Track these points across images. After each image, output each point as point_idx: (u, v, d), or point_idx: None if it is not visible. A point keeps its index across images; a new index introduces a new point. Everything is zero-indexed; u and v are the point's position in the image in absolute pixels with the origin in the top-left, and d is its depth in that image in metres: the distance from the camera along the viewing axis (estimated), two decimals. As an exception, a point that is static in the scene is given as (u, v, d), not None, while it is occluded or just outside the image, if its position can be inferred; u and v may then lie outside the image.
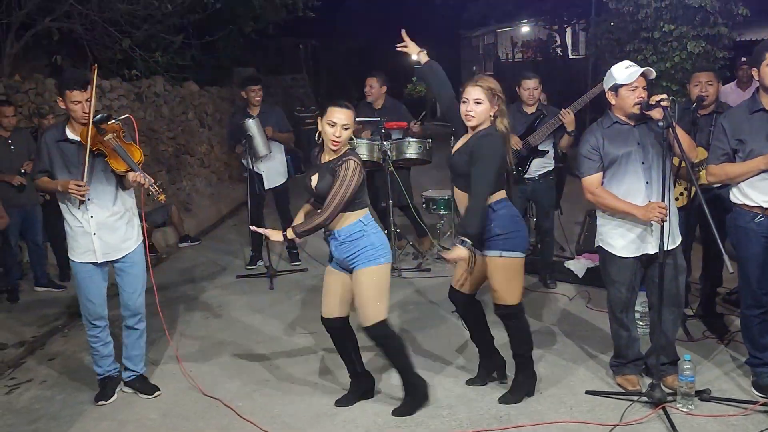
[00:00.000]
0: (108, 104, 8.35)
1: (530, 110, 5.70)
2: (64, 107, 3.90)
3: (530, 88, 5.63)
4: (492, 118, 3.69)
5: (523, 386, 3.95)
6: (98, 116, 3.90)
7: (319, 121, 3.66)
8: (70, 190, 3.81)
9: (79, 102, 3.81)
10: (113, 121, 3.99)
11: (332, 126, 3.55)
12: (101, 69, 8.33)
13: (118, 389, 4.25)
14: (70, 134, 3.93)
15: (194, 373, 4.50)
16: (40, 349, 5.11)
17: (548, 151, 5.71)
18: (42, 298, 6.11)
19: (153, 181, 3.91)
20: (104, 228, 3.98)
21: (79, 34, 8.55)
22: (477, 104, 3.67)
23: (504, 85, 3.82)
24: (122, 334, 4.26)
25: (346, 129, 3.58)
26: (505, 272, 3.76)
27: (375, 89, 6.71)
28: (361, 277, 3.66)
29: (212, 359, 4.74)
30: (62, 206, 4.02)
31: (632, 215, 3.72)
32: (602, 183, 3.83)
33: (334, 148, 3.59)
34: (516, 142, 5.52)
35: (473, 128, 3.73)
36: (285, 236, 3.59)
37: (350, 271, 3.73)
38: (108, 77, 8.83)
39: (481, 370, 4.18)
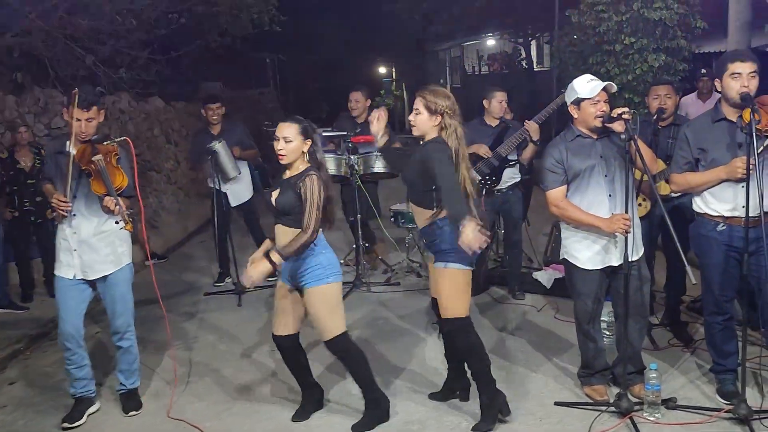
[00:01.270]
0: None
1: (494, 123, 5.77)
2: (67, 119, 3.91)
3: (503, 100, 5.73)
4: (438, 128, 3.70)
5: (491, 408, 3.78)
6: (95, 137, 3.93)
7: None
8: (52, 204, 3.84)
9: (80, 120, 3.83)
10: (109, 142, 3.99)
11: (276, 140, 3.62)
12: (64, 86, 8.23)
13: (89, 412, 4.15)
14: (69, 148, 3.90)
15: (161, 394, 4.43)
16: (1, 373, 4.98)
17: (516, 162, 5.78)
18: (2, 320, 5.97)
19: (125, 209, 3.87)
20: (85, 246, 3.96)
21: (41, 51, 8.42)
22: (416, 114, 3.71)
23: (471, 97, 3.84)
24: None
25: (288, 142, 3.61)
26: (450, 283, 3.72)
27: (361, 103, 6.74)
28: (311, 297, 3.69)
29: (179, 380, 4.67)
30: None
31: (597, 227, 3.77)
32: (566, 196, 3.88)
33: (281, 161, 3.65)
34: (485, 152, 5.58)
35: (420, 139, 3.77)
36: (273, 263, 3.54)
37: (300, 289, 3.75)
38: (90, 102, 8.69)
39: (446, 389, 4.16)
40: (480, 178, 5.64)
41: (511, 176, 5.80)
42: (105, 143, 3.96)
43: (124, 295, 4.14)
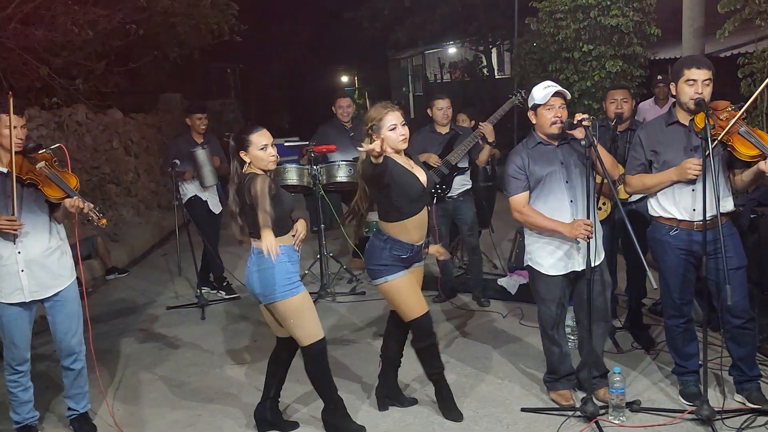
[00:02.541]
0: (27, 134, 8.03)
1: (444, 130, 5.80)
2: None
3: (443, 108, 5.75)
4: None
5: (449, 397, 3.99)
6: (30, 145, 3.75)
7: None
8: (0, 227, 3.60)
9: (15, 127, 3.63)
10: (44, 150, 3.83)
11: (264, 148, 3.65)
12: (18, 98, 8.04)
13: None
14: None
15: (123, 412, 4.33)
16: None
17: (467, 168, 5.82)
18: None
19: (93, 205, 3.75)
20: (34, 264, 3.76)
21: (-6, 63, 8.23)
22: (403, 126, 3.75)
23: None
24: (61, 373, 4.05)
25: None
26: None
27: (351, 108, 6.81)
28: (275, 312, 3.72)
29: (143, 395, 4.58)
30: None
31: (559, 233, 3.80)
32: (529, 202, 3.91)
33: (273, 166, 3.75)
34: (435, 161, 5.62)
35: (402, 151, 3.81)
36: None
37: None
38: (26, 106, 8.50)
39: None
40: None
41: (462, 183, 5.84)
42: (40, 152, 3.80)
43: (77, 311, 3.96)
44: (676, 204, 3.80)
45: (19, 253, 3.74)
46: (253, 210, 3.48)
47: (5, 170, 3.72)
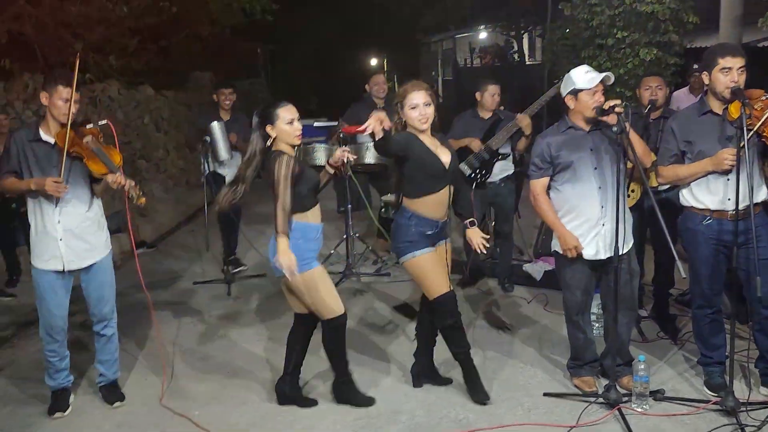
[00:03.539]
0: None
1: (486, 115, 5.76)
2: (46, 103, 3.77)
3: (495, 94, 5.71)
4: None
5: (475, 377, 4.02)
6: (79, 119, 3.83)
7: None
8: (47, 188, 3.67)
9: (67, 100, 3.72)
10: (92, 125, 3.91)
11: (291, 122, 3.72)
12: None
13: (72, 399, 4.13)
14: (44, 135, 3.82)
15: (148, 383, 4.41)
16: (-12, 361, 4.95)
17: (509, 154, 5.78)
18: (-10, 308, 5.93)
19: (133, 183, 3.84)
20: (71, 234, 3.86)
21: (30, 37, 8.33)
22: (427, 106, 3.74)
23: (463, 89, 3.88)
24: (93, 338, 4.18)
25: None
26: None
27: (386, 85, 6.86)
28: (292, 287, 3.79)
29: (167, 368, 4.65)
30: (30, 208, 3.87)
31: (558, 234, 3.87)
32: (555, 188, 3.91)
33: (299, 142, 3.79)
34: (477, 146, 5.59)
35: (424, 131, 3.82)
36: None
37: None
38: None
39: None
40: (470, 172, 5.64)
41: (503, 169, 5.80)
42: (88, 126, 3.89)
43: (110, 280, 4.09)
44: (710, 194, 3.75)
45: (59, 222, 3.83)
46: (274, 190, 3.57)
47: (53, 141, 3.79)
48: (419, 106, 3.73)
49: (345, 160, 3.91)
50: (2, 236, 6.37)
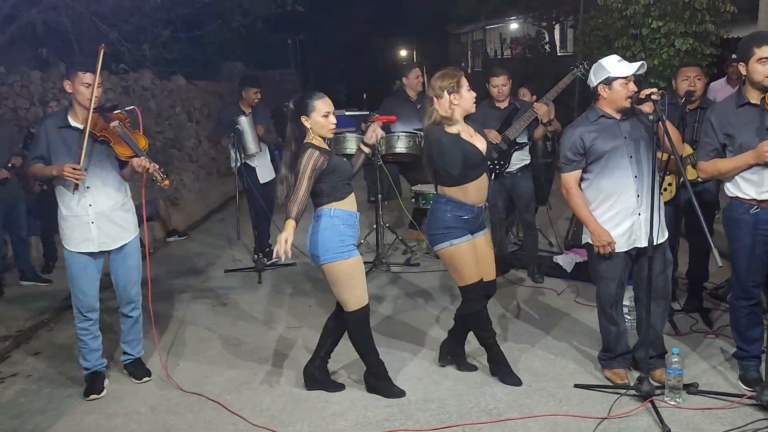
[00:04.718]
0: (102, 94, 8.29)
1: (503, 105, 5.73)
2: (70, 91, 3.87)
3: (498, 85, 5.66)
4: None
5: (504, 362, 4.08)
6: (106, 104, 3.92)
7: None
8: (65, 174, 3.75)
9: (90, 85, 3.80)
10: (119, 111, 4.00)
11: (327, 115, 3.72)
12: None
13: (105, 383, 4.22)
14: (72, 121, 3.91)
15: (181, 367, 4.48)
16: (26, 343, 5.05)
17: (526, 144, 5.74)
18: (28, 292, 6.05)
19: (158, 166, 3.92)
20: (103, 217, 3.98)
21: (66, 27, 8.46)
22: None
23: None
24: (119, 320, 4.30)
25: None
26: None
27: (422, 79, 6.80)
28: (326, 274, 3.79)
29: (200, 354, 4.72)
30: (57, 193, 3.98)
31: (590, 228, 3.83)
32: (588, 179, 3.86)
33: (332, 135, 3.82)
34: (495, 137, 5.56)
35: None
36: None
37: None
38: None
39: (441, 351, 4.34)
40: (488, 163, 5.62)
41: (520, 158, 5.78)
42: (115, 111, 3.98)
43: (138, 263, 4.21)
44: (755, 184, 3.67)
45: (90, 205, 3.95)
46: (296, 179, 3.59)
47: (81, 126, 3.87)
48: (471, 91, 3.83)
49: (377, 138, 3.96)
50: (43, 224, 6.51)
